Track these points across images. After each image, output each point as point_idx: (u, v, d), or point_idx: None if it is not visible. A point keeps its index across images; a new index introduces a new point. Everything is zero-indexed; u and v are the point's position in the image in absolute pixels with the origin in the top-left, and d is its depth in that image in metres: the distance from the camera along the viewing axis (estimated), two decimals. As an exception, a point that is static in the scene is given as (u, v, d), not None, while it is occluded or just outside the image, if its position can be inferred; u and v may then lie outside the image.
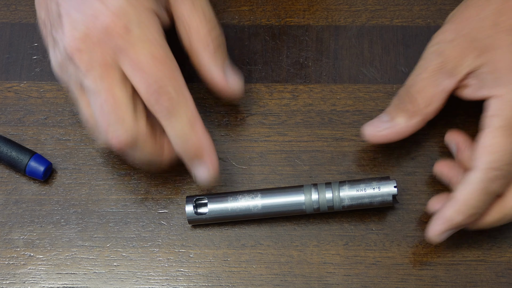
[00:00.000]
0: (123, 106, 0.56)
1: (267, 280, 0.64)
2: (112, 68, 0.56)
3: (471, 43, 0.61)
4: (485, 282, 0.63)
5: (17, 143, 0.66)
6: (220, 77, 0.61)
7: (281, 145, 0.67)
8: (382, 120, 0.63)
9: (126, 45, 0.56)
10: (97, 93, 0.56)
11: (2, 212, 0.66)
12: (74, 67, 0.57)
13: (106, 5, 0.56)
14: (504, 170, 0.58)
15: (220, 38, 0.62)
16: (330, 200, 0.63)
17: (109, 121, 0.56)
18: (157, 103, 0.57)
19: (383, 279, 0.64)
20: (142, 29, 0.56)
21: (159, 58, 0.56)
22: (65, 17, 0.57)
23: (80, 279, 0.64)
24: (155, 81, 0.56)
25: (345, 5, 0.72)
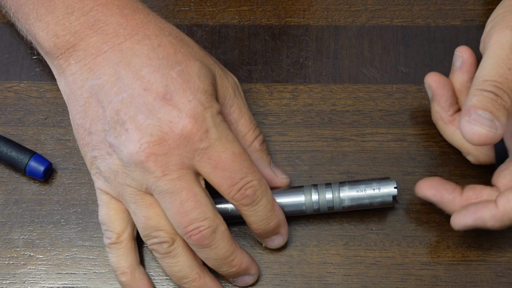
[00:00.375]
0: (204, 203, 0.58)
1: (267, 280, 0.64)
2: (189, 169, 0.57)
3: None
4: (485, 282, 0.63)
5: (17, 143, 0.66)
6: (270, 174, 0.63)
7: (281, 145, 0.67)
8: (485, 118, 0.55)
9: (206, 147, 0.57)
10: (177, 193, 0.57)
11: (2, 212, 0.66)
12: (144, 171, 0.57)
13: (181, 110, 0.57)
14: None
15: (264, 143, 0.64)
16: (330, 201, 0.63)
17: (191, 218, 0.57)
18: (242, 197, 0.58)
19: (383, 279, 0.64)
20: (218, 129, 0.57)
21: (239, 154, 0.58)
22: (129, 123, 0.57)
23: (80, 279, 0.64)
24: (240, 177, 0.58)
25: (345, 5, 0.72)
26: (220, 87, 0.61)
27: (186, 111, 0.57)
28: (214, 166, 0.57)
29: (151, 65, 0.58)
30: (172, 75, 0.57)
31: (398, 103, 0.68)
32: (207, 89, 0.58)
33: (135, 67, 0.58)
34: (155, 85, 0.57)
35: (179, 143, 0.56)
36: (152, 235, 0.59)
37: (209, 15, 0.71)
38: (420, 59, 0.70)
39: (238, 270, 0.61)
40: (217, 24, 0.71)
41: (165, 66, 0.58)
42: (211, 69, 0.60)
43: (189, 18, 0.71)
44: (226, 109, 0.62)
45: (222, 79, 0.61)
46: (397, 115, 0.67)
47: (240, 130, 0.62)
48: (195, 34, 0.71)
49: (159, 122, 0.56)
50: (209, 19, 0.71)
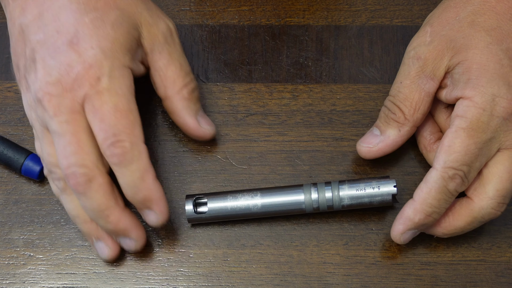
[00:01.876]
0: (86, 150, 0.58)
1: (267, 280, 0.64)
2: (80, 114, 0.58)
3: (448, 43, 0.61)
4: (485, 282, 0.63)
5: (14, 143, 0.66)
6: (193, 124, 0.64)
7: (281, 145, 0.67)
8: (373, 134, 0.64)
9: (93, 94, 0.58)
10: (62, 135, 0.58)
11: (2, 212, 0.66)
12: (42, 109, 0.59)
13: (81, 55, 0.58)
14: (462, 170, 0.58)
15: (195, 90, 0.64)
16: (329, 200, 0.63)
17: (70, 161, 0.58)
18: (111, 153, 0.58)
19: (383, 279, 0.64)
20: (111, 81, 0.58)
21: (121, 110, 0.58)
22: (39, 62, 0.59)
23: (80, 279, 0.64)
24: (113, 133, 0.58)
25: (345, 5, 0.72)
26: (147, 34, 0.62)
27: (85, 57, 0.58)
28: (94, 114, 0.58)
29: (70, 8, 0.59)
30: (85, 21, 0.59)
31: (398, 103, 0.68)
32: (117, 38, 0.59)
33: (55, 9, 0.59)
34: (67, 29, 0.59)
35: (71, 87, 0.58)
36: (51, 171, 0.60)
37: (209, 15, 0.71)
38: (420, 59, 0.70)
39: (114, 229, 0.60)
40: (217, 24, 0.71)
41: (81, 11, 0.59)
42: (133, 18, 0.61)
43: (189, 18, 0.71)
44: (155, 56, 0.62)
45: (149, 26, 0.62)
46: (397, 115, 0.68)
47: (169, 76, 0.63)
48: (195, 34, 0.71)
49: (60, 64, 0.58)
50: (209, 19, 0.71)
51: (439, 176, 0.59)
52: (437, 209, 0.60)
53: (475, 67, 0.59)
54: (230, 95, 0.69)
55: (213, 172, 0.66)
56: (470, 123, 0.58)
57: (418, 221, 0.60)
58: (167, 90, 0.63)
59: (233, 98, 0.69)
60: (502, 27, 0.60)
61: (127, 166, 0.59)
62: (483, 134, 0.58)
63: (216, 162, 0.67)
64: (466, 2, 0.62)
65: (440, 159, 0.59)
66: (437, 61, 0.61)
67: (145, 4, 0.63)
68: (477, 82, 0.59)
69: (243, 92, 0.69)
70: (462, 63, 0.60)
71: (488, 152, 0.59)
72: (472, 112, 0.58)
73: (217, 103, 0.69)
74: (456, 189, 0.59)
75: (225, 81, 0.69)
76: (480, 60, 0.59)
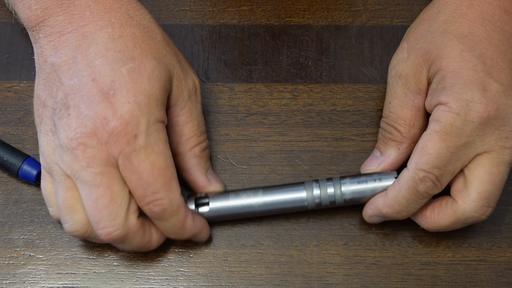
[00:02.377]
0: (118, 202, 0.58)
1: (267, 280, 0.64)
2: (114, 168, 0.58)
3: (423, 55, 0.62)
4: (485, 282, 0.63)
5: (11, 146, 0.66)
6: (203, 182, 0.64)
7: (281, 145, 0.67)
8: (374, 156, 0.64)
9: (130, 152, 0.57)
10: (96, 186, 0.58)
11: (2, 212, 0.66)
12: (74, 158, 0.58)
13: (117, 110, 0.57)
14: (433, 173, 0.59)
15: (207, 149, 0.64)
16: (332, 195, 0.62)
17: (102, 215, 0.58)
18: (149, 211, 0.59)
19: (383, 279, 0.64)
20: (148, 138, 0.58)
21: (158, 168, 0.58)
22: (73, 109, 0.58)
23: (80, 279, 0.64)
24: (151, 192, 0.58)
25: (345, 5, 0.72)
26: (176, 88, 0.61)
27: (122, 112, 0.57)
28: (132, 172, 0.58)
29: (106, 56, 0.58)
30: (122, 72, 0.58)
31: (398, 103, 0.68)
32: (153, 93, 0.58)
33: (90, 55, 0.58)
34: (103, 78, 0.58)
35: (107, 141, 0.57)
36: (65, 219, 0.60)
37: (209, 15, 0.71)
38: (420, 59, 0.70)
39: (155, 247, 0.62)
40: (217, 24, 0.71)
41: (118, 60, 0.58)
42: (168, 70, 0.60)
43: (189, 18, 0.71)
44: (176, 111, 0.62)
45: (179, 80, 0.61)
46: (397, 115, 0.68)
47: (185, 133, 0.62)
48: (195, 34, 0.71)
49: (95, 115, 0.57)
50: (209, 19, 0.71)
51: (410, 176, 0.59)
52: (405, 207, 0.61)
53: (449, 75, 0.59)
54: (230, 95, 0.69)
55: (213, 172, 0.66)
56: (443, 127, 0.58)
57: (385, 214, 0.62)
58: (179, 146, 0.62)
59: (233, 98, 0.69)
60: (474, 33, 0.60)
61: (167, 220, 0.59)
62: (456, 138, 0.58)
63: (216, 162, 0.67)
64: (437, 13, 0.63)
65: (413, 160, 0.59)
66: (418, 75, 0.62)
67: (177, 56, 0.62)
68: (451, 89, 0.59)
69: (243, 92, 0.69)
70: (438, 72, 0.60)
71: (463, 157, 0.59)
72: (446, 117, 0.58)
73: (217, 103, 0.69)
74: (427, 191, 0.60)
75: (225, 81, 0.69)
76: (453, 68, 0.59)
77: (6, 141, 0.67)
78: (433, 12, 0.63)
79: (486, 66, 0.59)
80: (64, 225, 0.60)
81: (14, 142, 0.67)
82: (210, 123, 0.68)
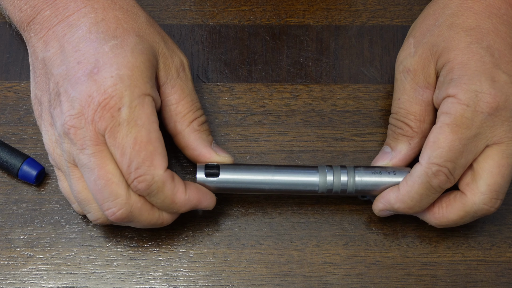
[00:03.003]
0: (115, 181, 0.58)
1: (267, 280, 0.64)
2: (104, 145, 0.58)
3: (431, 49, 0.62)
4: (485, 282, 0.63)
5: (11, 146, 0.66)
6: (209, 154, 0.63)
7: (281, 145, 0.67)
8: (384, 152, 0.64)
9: (113, 126, 0.57)
10: (92, 169, 0.58)
11: (2, 212, 0.66)
12: (70, 143, 0.58)
13: (101, 85, 0.57)
14: (446, 166, 0.58)
15: (205, 123, 0.64)
16: (344, 183, 0.62)
17: (103, 196, 0.58)
18: (135, 188, 0.59)
19: (383, 279, 0.64)
20: (131, 112, 0.58)
21: (140, 142, 0.58)
22: (63, 95, 0.58)
23: (80, 279, 0.64)
24: (134, 167, 0.58)
25: (345, 5, 0.72)
26: (163, 66, 0.61)
27: (105, 87, 0.57)
28: (116, 148, 0.58)
29: (89, 38, 0.59)
30: (105, 49, 0.58)
31: (398, 103, 0.68)
32: (137, 65, 0.58)
33: (75, 41, 0.59)
34: (87, 59, 0.58)
35: (93, 118, 0.57)
36: (86, 210, 0.61)
37: (209, 15, 0.71)
38: (420, 59, 0.70)
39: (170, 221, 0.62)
40: (217, 24, 0.71)
41: (100, 40, 0.59)
42: (152, 47, 0.61)
43: (189, 18, 0.71)
44: (167, 89, 0.62)
45: (165, 58, 0.62)
46: (397, 115, 0.68)
47: (180, 111, 0.62)
48: (195, 34, 0.71)
49: (81, 95, 0.57)
50: (209, 19, 0.71)
51: (422, 171, 0.59)
52: (418, 203, 0.60)
53: (457, 67, 0.60)
54: (230, 95, 0.69)
55: (213, 172, 0.66)
56: (454, 119, 0.58)
57: (397, 209, 0.61)
58: (177, 125, 0.62)
59: (233, 98, 0.69)
60: (481, 26, 0.61)
61: (155, 196, 0.59)
62: (467, 130, 0.58)
63: (216, 162, 0.67)
64: (444, 7, 0.63)
65: (425, 154, 0.59)
66: (426, 69, 0.62)
67: (162, 36, 0.63)
68: (460, 81, 0.59)
69: (243, 92, 0.69)
70: (446, 65, 0.60)
71: (474, 149, 0.59)
72: (456, 108, 0.58)
73: (217, 103, 0.69)
74: (440, 186, 0.59)
75: (225, 81, 0.69)
76: (461, 60, 0.60)
77: (6, 141, 0.67)
78: (439, 6, 0.63)
79: (494, 57, 0.59)
80: (87, 215, 0.61)
81: (14, 142, 0.67)
82: (210, 123, 0.68)
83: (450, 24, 0.61)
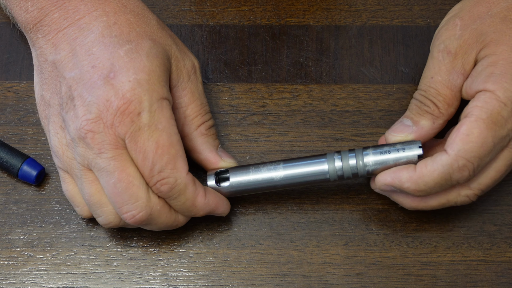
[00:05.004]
0: (136, 184, 0.58)
1: (267, 280, 0.64)
2: (123, 149, 0.58)
3: (478, 37, 0.60)
4: (485, 282, 0.63)
5: (11, 146, 0.66)
6: (214, 158, 0.63)
7: (281, 145, 0.67)
8: (404, 124, 0.62)
9: (135, 131, 0.57)
10: (111, 172, 0.58)
11: (2, 212, 0.66)
12: (86, 147, 0.58)
13: (119, 90, 0.57)
14: (473, 162, 0.58)
15: (213, 127, 0.64)
16: (354, 167, 0.61)
17: (123, 199, 0.58)
18: (158, 191, 0.59)
19: (383, 279, 0.64)
20: (152, 116, 0.58)
21: (162, 146, 0.58)
22: (78, 99, 0.58)
23: (80, 279, 0.64)
24: (157, 171, 0.58)
25: (345, 5, 0.72)
26: (175, 69, 0.62)
27: (123, 91, 0.57)
28: (138, 152, 0.58)
29: (103, 42, 0.59)
30: (120, 54, 0.58)
31: (398, 103, 0.68)
32: (153, 69, 0.58)
33: (88, 44, 0.59)
34: (102, 63, 0.58)
35: (112, 123, 0.57)
36: (97, 213, 0.61)
37: (209, 15, 0.71)
38: (420, 59, 0.70)
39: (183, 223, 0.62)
40: (217, 24, 0.71)
41: (114, 44, 0.59)
42: (165, 50, 0.61)
43: (189, 18, 0.71)
44: (177, 92, 0.62)
45: (177, 61, 0.62)
46: (397, 115, 0.67)
47: (189, 114, 0.62)
48: (195, 34, 0.71)
49: (98, 100, 0.57)
50: (209, 19, 0.71)
51: (449, 162, 0.58)
52: (430, 189, 0.59)
53: (501, 63, 0.58)
54: (230, 95, 0.69)
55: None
56: (490, 115, 0.57)
57: (405, 188, 0.59)
58: (185, 128, 0.62)
59: (233, 98, 0.69)
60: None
61: (176, 199, 0.59)
62: (501, 129, 0.57)
63: (216, 162, 0.67)
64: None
65: (455, 146, 0.58)
66: (467, 55, 0.61)
67: (173, 39, 0.63)
68: (501, 77, 0.58)
69: (243, 92, 0.69)
70: (488, 56, 0.59)
71: (499, 150, 0.58)
72: (494, 105, 0.57)
73: (217, 103, 0.69)
74: (458, 181, 0.59)
75: (225, 81, 0.69)
76: (508, 57, 0.59)
77: (6, 141, 0.67)
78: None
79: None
80: (98, 219, 0.61)
81: (14, 142, 0.67)
82: (210, 123, 0.68)
83: (504, 17, 0.60)
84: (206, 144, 0.63)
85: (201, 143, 0.63)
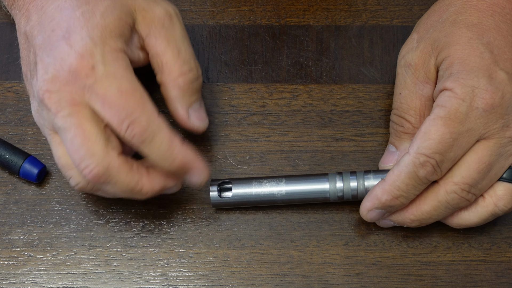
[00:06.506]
0: (92, 139, 0.58)
1: (267, 280, 0.64)
2: (81, 106, 0.58)
3: (432, 44, 0.62)
4: (485, 282, 0.63)
5: (12, 145, 0.66)
6: (182, 116, 0.63)
7: (281, 145, 0.67)
8: (390, 152, 0.64)
9: (92, 83, 0.57)
10: (67, 129, 0.58)
11: (2, 212, 0.66)
12: (46, 109, 0.58)
13: (72, 47, 0.58)
14: (434, 158, 0.58)
15: (194, 81, 0.62)
16: (354, 189, 0.62)
17: (80, 155, 0.58)
18: (130, 135, 0.58)
19: (383, 279, 0.64)
20: (107, 66, 0.58)
21: (125, 91, 0.57)
22: (39, 63, 0.59)
23: (80, 279, 0.64)
24: (125, 115, 0.57)
25: (345, 5, 0.72)
26: (142, 19, 0.61)
27: (76, 48, 0.58)
28: (102, 103, 0.57)
29: (64, 7, 0.59)
30: (76, 15, 0.59)
31: (398, 103, 0.68)
32: (106, 25, 0.59)
33: (52, 11, 0.60)
34: (60, 26, 0.59)
35: (68, 80, 0.58)
36: (67, 175, 0.60)
37: (209, 15, 0.71)
38: (420, 59, 0.70)
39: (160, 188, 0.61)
40: (217, 24, 0.71)
41: (73, 7, 0.59)
42: (126, 5, 0.60)
43: (189, 18, 0.71)
44: (151, 41, 0.62)
45: (144, 11, 0.61)
46: (397, 115, 0.68)
47: (165, 63, 0.62)
48: (195, 34, 0.71)
49: (54, 59, 0.58)
50: (209, 19, 0.71)
51: (410, 161, 0.59)
52: (404, 193, 0.60)
53: (456, 62, 0.60)
54: (230, 95, 0.69)
55: (213, 172, 0.66)
56: (448, 113, 0.58)
57: (384, 202, 0.60)
58: (162, 76, 0.62)
59: (233, 98, 0.69)
60: (483, 23, 0.61)
61: (151, 142, 0.58)
62: (460, 124, 0.58)
63: (216, 162, 0.67)
64: (448, 5, 0.63)
65: (414, 144, 0.59)
66: (427, 63, 0.62)
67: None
68: (458, 75, 0.59)
69: (243, 92, 0.69)
70: (445, 59, 0.61)
71: (465, 144, 0.59)
72: (452, 102, 0.59)
73: (217, 103, 0.69)
74: (426, 177, 0.59)
75: (225, 81, 0.69)
76: (461, 55, 0.60)
77: (6, 141, 0.67)
78: (444, 4, 0.64)
79: (493, 54, 0.60)
80: (69, 181, 0.61)
81: (14, 142, 0.67)
82: (210, 123, 0.68)
83: (453, 20, 0.62)
84: (178, 99, 0.62)
85: (174, 96, 0.62)
